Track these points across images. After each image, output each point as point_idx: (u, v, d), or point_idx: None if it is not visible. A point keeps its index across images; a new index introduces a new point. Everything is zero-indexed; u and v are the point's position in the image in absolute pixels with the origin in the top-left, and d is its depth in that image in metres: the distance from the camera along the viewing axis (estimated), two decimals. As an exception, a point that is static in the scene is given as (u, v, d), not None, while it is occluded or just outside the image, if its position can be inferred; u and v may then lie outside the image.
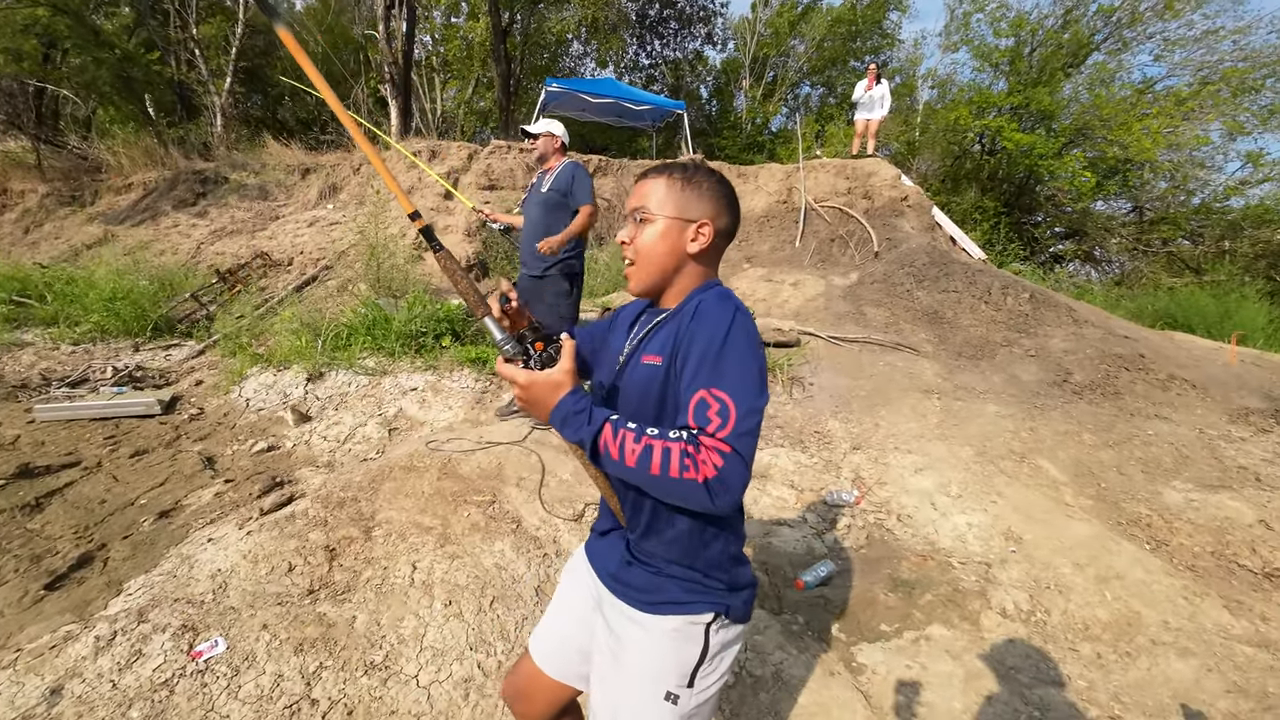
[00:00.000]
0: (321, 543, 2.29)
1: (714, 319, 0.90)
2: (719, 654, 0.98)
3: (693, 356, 0.88)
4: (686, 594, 0.96)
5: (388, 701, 1.71)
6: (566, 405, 0.88)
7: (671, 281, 1.02)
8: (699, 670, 0.96)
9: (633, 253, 1.01)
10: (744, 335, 0.88)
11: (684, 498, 0.82)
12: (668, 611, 0.96)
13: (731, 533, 1.00)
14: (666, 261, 1.00)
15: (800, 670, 1.98)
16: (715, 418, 0.82)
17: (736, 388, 0.83)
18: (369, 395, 4.03)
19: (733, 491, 0.80)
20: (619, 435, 0.84)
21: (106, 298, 5.56)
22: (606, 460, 0.85)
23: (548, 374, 0.89)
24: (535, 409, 0.91)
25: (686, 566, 0.97)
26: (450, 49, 15.97)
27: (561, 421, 0.88)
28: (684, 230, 0.99)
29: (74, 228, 8.50)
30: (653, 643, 0.97)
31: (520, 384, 0.90)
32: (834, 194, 8.60)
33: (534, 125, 3.33)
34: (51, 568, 2.31)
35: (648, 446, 0.81)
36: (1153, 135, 10.98)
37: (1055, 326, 5.41)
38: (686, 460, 0.79)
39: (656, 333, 1.00)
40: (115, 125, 11.71)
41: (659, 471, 0.80)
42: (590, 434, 0.85)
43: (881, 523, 2.96)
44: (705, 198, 1.00)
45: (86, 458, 3.24)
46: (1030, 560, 2.60)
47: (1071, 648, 2.15)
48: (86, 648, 1.76)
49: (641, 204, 1.01)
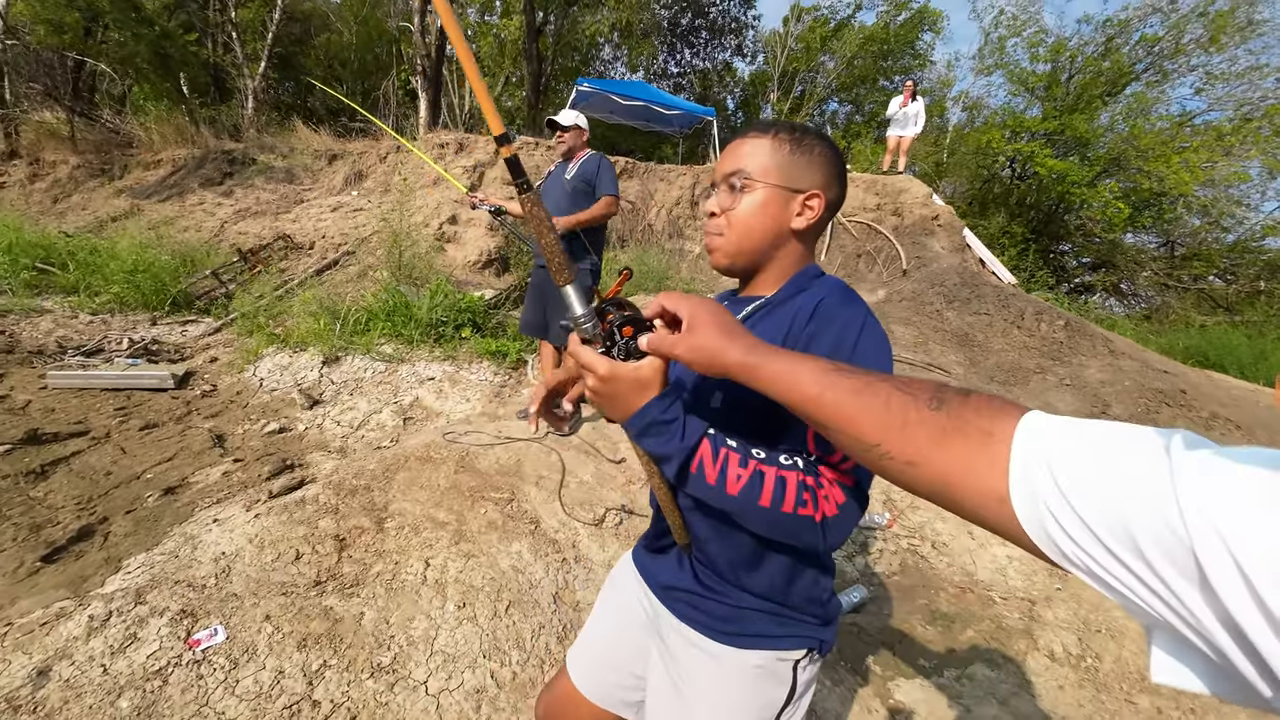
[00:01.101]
0: (331, 531, 2.18)
1: (841, 323, 0.75)
2: (804, 694, 0.85)
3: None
4: (775, 626, 0.82)
5: (394, 709, 1.58)
6: (652, 412, 0.69)
7: (767, 262, 0.86)
8: (784, 713, 0.83)
9: (723, 224, 0.85)
10: (875, 344, 0.74)
11: (791, 534, 0.68)
12: (752, 645, 0.82)
13: (828, 558, 0.86)
14: (765, 237, 0.83)
15: (836, 704, 1.83)
16: None
17: None
18: (385, 382, 3.93)
19: (847, 530, 0.68)
20: (719, 455, 0.68)
21: (128, 270, 5.53)
22: (697, 482, 0.69)
23: (635, 367, 0.69)
24: (611, 407, 0.72)
25: (776, 599, 0.83)
26: (483, 46, 16.05)
27: (643, 429, 0.70)
28: (790, 202, 0.82)
29: (101, 200, 8.54)
30: (731, 679, 0.82)
31: (600, 375, 0.70)
32: (863, 209, 8.47)
33: (562, 116, 3.21)
34: (51, 539, 2.21)
35: (757, 473, 0.67)
36: (1190, 169, 10.75)
37: (1091, 356, 5.23)
38: (805, 494, 0.66)
39: (756, 325, 0.83)
40: (149, 102, 11.82)
41: (769, 504, 0.66)
42: (683, 451, 0.69)
43: (915, 549, 2.80)
44: (816, 164, 0.83)
45: (95, 427, 3.16)
46: (1078, 600, 2.44)
47: (1128, 699, 1.98)
48: (79, 627, 1.65)
49: (740, 166, 0.83)
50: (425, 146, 8.64)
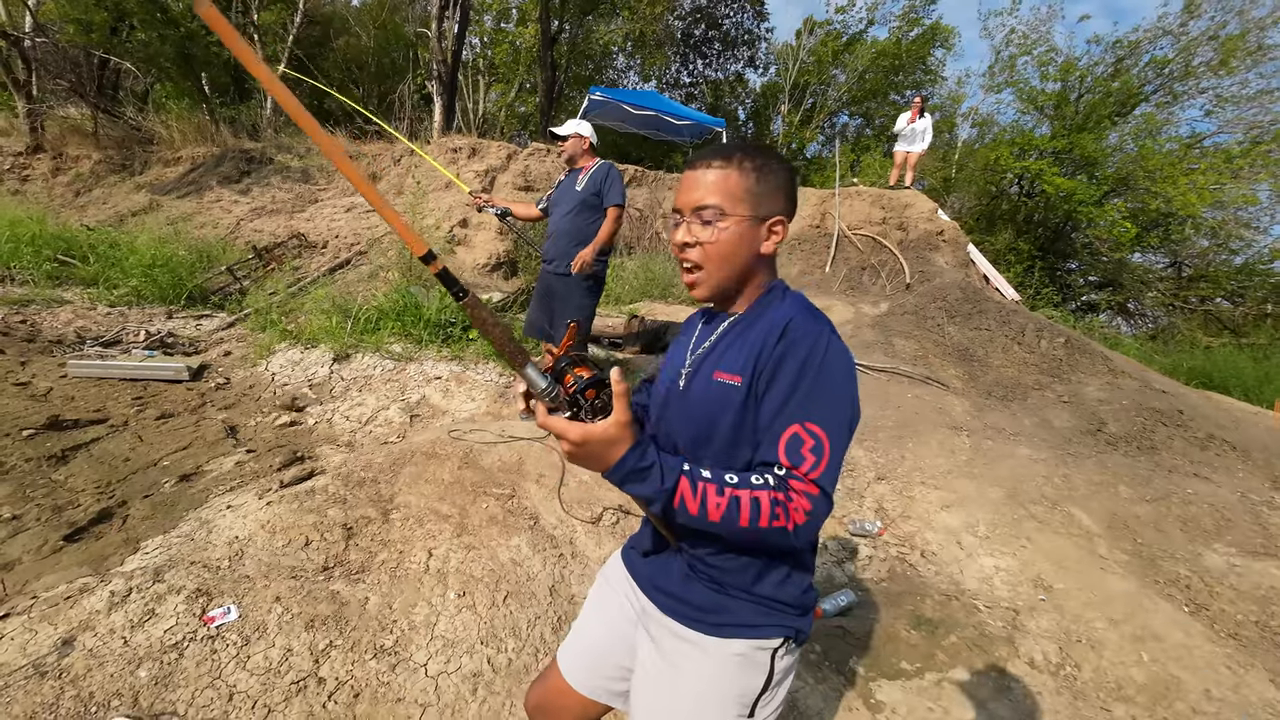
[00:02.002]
0: (339, 520, 2.27)
1: (807, 341, 0.80)
2: (781, 681, 0.91)
3: (782, 383, 0.79)
4: (755, 616, 0.88)
5: (395, 688, 1.67)
6: (629, 462, 0.75)
7: (743, 285, 0.92)
8: (761, 699, 0.88)
9: (700, 256, 0.88)
10: (839, 360, 0.81)
11: (766, 543, 0.76)
12: (732, 635, 0.88)
13: (806, 552, 0.92)
14: (742, 266, 0.89)
15: (817, 701, 1.90)
16: (810, 455, 0.75)
17: (831, 420, 0.77)
18: (393, 380, 4.04)
19: (815, 529, 0.76)
20: (699, 489, 0.74)
21: (146, 264, 5.68)
22: (682, 513, 0.75)
23: (604, 428, 0.74)
24: (589, 464, 0.77)
25: (755, 590, 0.89)
26: (498, 52, 16.29)
27: (624, 479, 0.76)
28: (759, 228, 0.87)
29: (122, 195, 8.74)
30: (713, 667, 0.88)
31: (572, 440, 0.74)
32: (868, 223, 8.54)
33: (562, 127, 3.33)
34: (72, 519, 2.32)
35: (734, 499, 0.73)
36: (1199, 190, 10.77)
37: (1090, 374, 5.27)
38: (778, 510, 0.73)
39: (730, 344, 0.89)
40: (171, 100, 12.07)
41: (748, 524, 0.73)
42: (665, 494, 0.75)
43: (904, 557, 2.86)
44: (780, 190, 0.88)
45: (114, 416, 3.28)
46: (1061, 611, 2.49)
47: (1104, 707, 2.04)
48: (101, 602, 1.75)
49: (710, 200, 0.86)
50: (438, 150, 8.80)
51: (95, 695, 1.49)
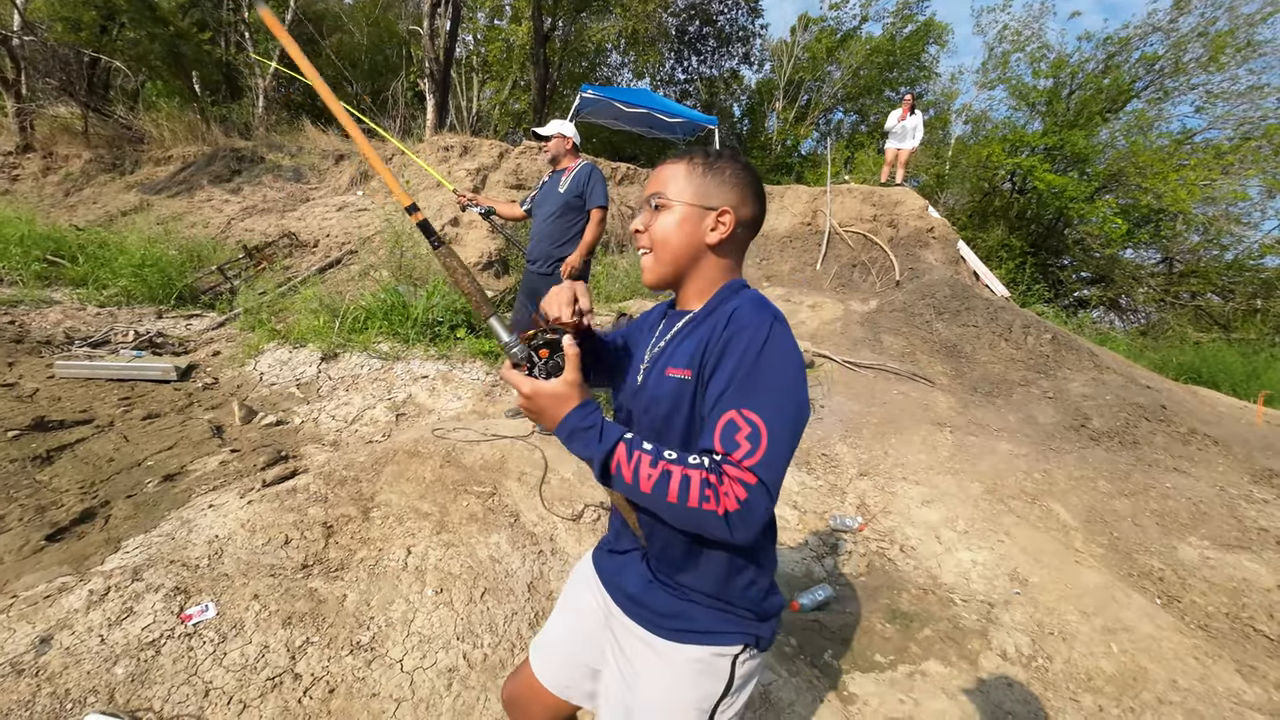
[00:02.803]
0: (320, 519, 2.29)
1: (749, 329, 0.81)
2: (742, 688, 0.91)
3: (723, 371, 0.80)
4: (714, 623, 0.88)
5: (370, 683, 1.69)
6: (573, 420, 0.80)
7: (690, 275, 0.95)
8: (720, 705, 0.89)
9: (648, 241, 0.94)
10: (782, 348, 0.81)
11: (700, 527, 0.75)
12: (691, 641, 0.88)
13: (765, 558, 0.93)
14: (684, 252, 0.92)
15: (790, 694, 1.93)
16: (744, 442, 0.74)
17: (770, 409, 0.76)
18: (380, 379, 4.06)
19: (753, 526, 0.73)
20: (634, 457, 0.76)
21: (136, 264, 5.67)
22: (618, 481, 0.78)
23: (552, 384, 0.81)
24: (540, 418, 0.84)
25: (714, 596, 0.89)
26: (491, 50, 16.25)
27: (568, 436, 0.81)
28: (703, 218, 0.91)
29: (112, 194, 8.71)
30: (671, 673, 0.89)
31: (524, 393, 0.82)
32: (859, 220, 8.57)
33: (545, 128, 3.35)
34: (54, 520, 2.33)
35: (665, 472, 0.74)
36: (1189, 186, 10.82)
37: (1076, 370, 5.31)
38: (708, 491, 0.72)
39: (683, 341, 0.92)
40: (161, 99, 12.01)
41: (676, 500, 0.73)
42: (601, 453, 0.78)
43: (884, 552, 2.90)
44: (728, 184, 0.92)
45: (100, 416, 3.29)
46: (1035, 604, 2.53)
47: (1073, 698, 2.07)
48: (80, 600, 1.77)
49: (659, 189, 0.93)
50: (430, 149, 8.80)
51: (71, 692, 1.51)
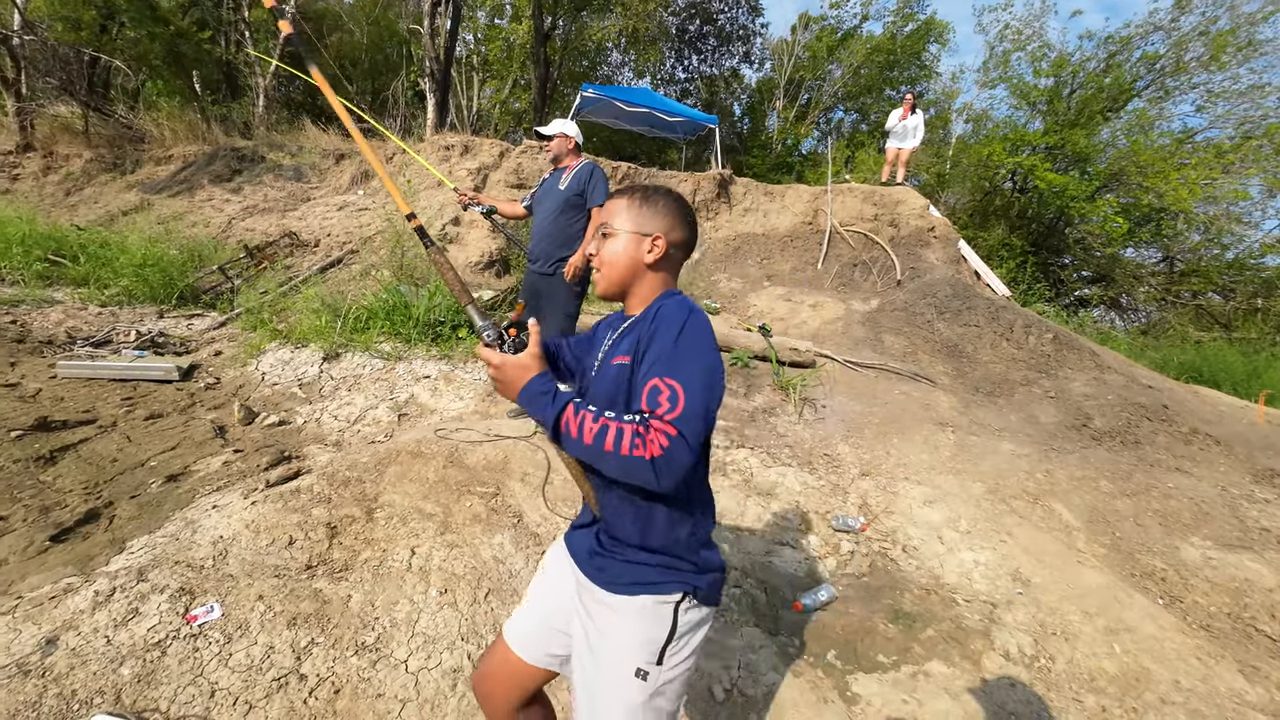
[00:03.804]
0: (323, 519, 2.30)
1: (671, 319, 1.01)
2: (687, 634, 1.04)
3: (651, 352, 0.99)
4: (656, 575, 1.03)
5: (375, 684, 1.70)
6: (534, 386, 0.99)
7: (633, 288, 1.14)
8: (668, 649, 1.02)
9: (599, 262, 1.15)
10: (697, 333, 0.99)
11: (632, 474, 0.90)
12: (637, 592, 1.03)
13: (699, 516, 1.08)
14: (626, 270, 1.12)
15: (793, 694, 1.93)
16: (665, 402, 0.91)
17: (687, 378, 0.93)
18: (382, 379, 4.06)
19: (676, 471, 0.88)
20: (579, 415, 0.94)
21: (137, 263, 5.67)
22: (566, 438, 0.94)
23: (518, 357, 1.01)
24: (506, 389, 1.02)
25: (655, 550, 1.04)
26: (492, 49, 16.23)
27: (529, 400, 0.99)
28: (641, 243, 1.11)
29: (113, 194, 8.71)
30: (623, 623, 1.03)
31: (494, 364, 1.02)
32: (860, 219, 8.57)
33: (547, 127, 3.35)
34: (59, 520, 2.34)
35: (604, 426, 0.91)
36: (1190, 186, 10.80)
37: (1077, 370, 5.32)
38: (637, 440, 0.89)
39: (625, 336, 1.10)
40: (162, 98, 12.00)
41: (611, 448, 0.90)
42: (554, 412, 0.95)
43: (886, 552, 2.90)
44: (660, 215, 1.12)
45: (103, 416, 3.29)
46: (1037, 604, 2.53)
47: (1076, 698, 2.08)
48: (85, 601, 1.77)
49: (606, 220, 1.14)
50: (431, 148, 8.79)
51: (78, 693, 1.51)
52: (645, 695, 1.01)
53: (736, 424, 3.99)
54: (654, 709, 1.02)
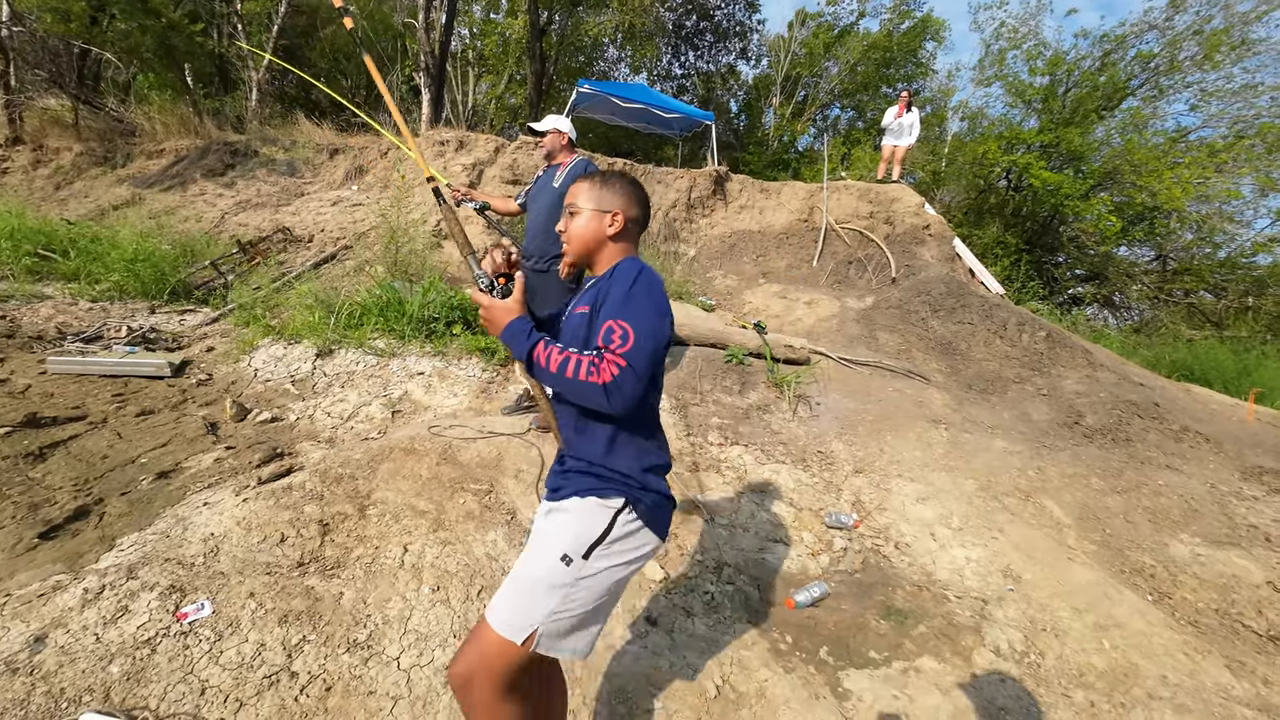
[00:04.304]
0: (316, 516, 2.29)
1: (626, 274, 1.21)
2: (620, 541, 1.17)
3: (608, 301, 1.17)
4: (600, 482, 1.19)
5: (367, 681, 1.69)
6: (515, 326, 1.20)
7: (597, 257, 1.33)
8: (596, 547, 1.15)
9: (566, 237, 1.33)
10: (646, 285, 1.18)
11: (588, 397, 1.09)
12: (584, 494, 1.19)
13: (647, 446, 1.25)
14: (590, 242, 1.31)
15: (785, 690, 1.94)
16: (617, 340, 1.09)
17: (636, 319, 1.12)
18: (376, 375, 4.04)
19: (625, 396, 1.07)
20: (548, 349, 1.14)
21: (128, 258, 5.62)
22: (538, 369, 1.15)
23: (504, 301, 1.25)
24: (492, 327, 1.24)
25: (604, 467, 1.20)
26: (487, 44, 16.13)
27: (509, 337, 1.20)
28: (602, 218, 1.30)
29: (103, 188, 8.63)
30: (566, 516, 1.19)
31: (484, 305, 1.25)
32: (855, 217, 8.57)
33: (540, 123, 3.33)
34: (48, 517, 2.32)
35: (566, 358, 1.11)
36: (1183, 184, 10.85)
37: (1070, 368, 5.34)
38: (591, 368, 1.08)
39: (588, 292, 1.30)
40: (154, 92, 11.87)
41: (571, 375, 1.09)
42: (528, 346, 1.16)
43: (879, 549, 2.91)
44: (617, 194, 1.31)
45: (93, 412, 3.27)
46: (1028, 600, 2.55)
47: (1065, 693, 2.10)
48: (74, 599, 1.76)
49: (572, 200, 1.33)
50: (426, 143, 8.74)
51: (66, 691, 1.50)
52: (561, 580, 1.12)
53: (731, 421, 4.00)
54: (565, 597, 1.12)
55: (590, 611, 1.15)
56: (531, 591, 1.12)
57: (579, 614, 1.13)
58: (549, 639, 1.11)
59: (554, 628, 1.11)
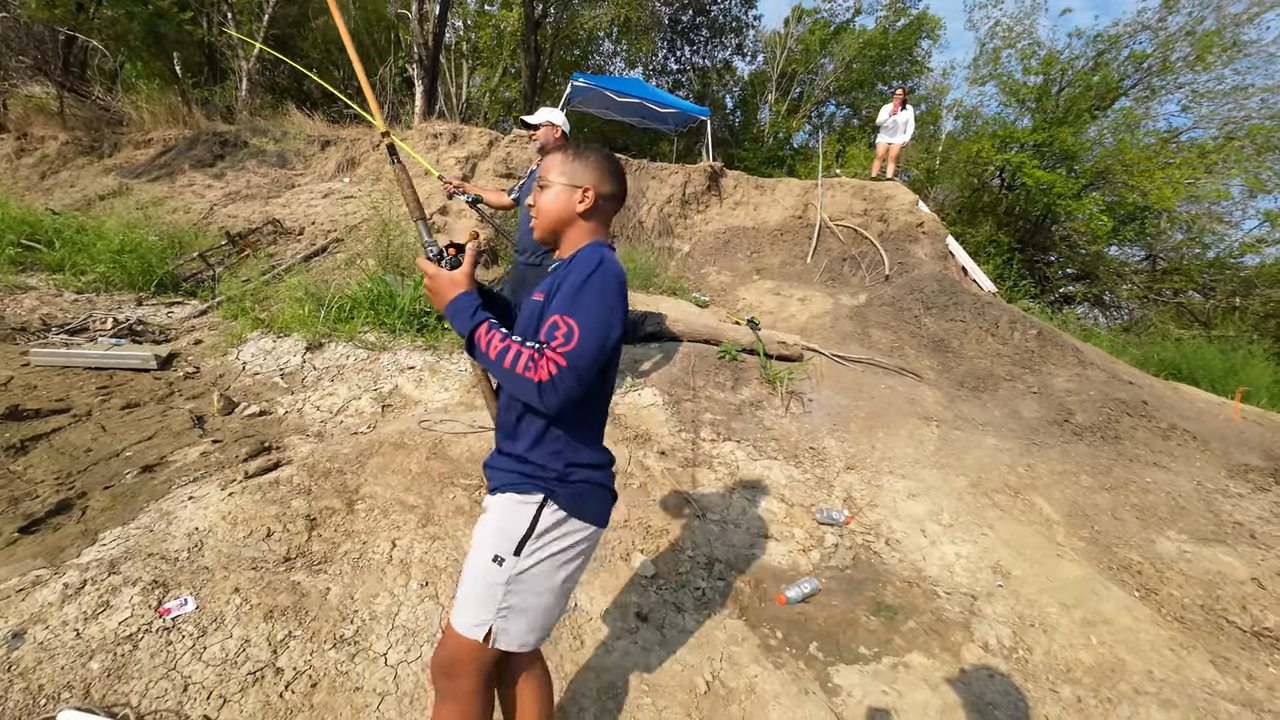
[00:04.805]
0: (303, 511, 2.26)
1: (583, 265, 1.12)
2: (549, 532, 1.15)
3: (560, 292, 1.11)
4: (520, 478, 1.17)
5: (354, 677, 1.68)
6: (460, 301, 1.13)
7: (565, 235, 1.26)
8: (526, 542, 1.13)
9: (535, 211, 1.26)
10: (601, 280, 1.09)
11: (522, 391, 1.05)
12: (506, 491, 1.18)
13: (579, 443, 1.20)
14: (559, 218, 1.24)
15: (774, 685, 1.94)
16: (560, 336, 1.04)
17: (584, 317, 1.05)
18: (366, 369, 4.00)
19: (559, 397, 1.02)
20: (490, 333, 1.08)
21: (114, 249, 5.53)
22: (478, 352, 1.09)
23: (451, 273, 1.16)
24: (436, 300, 1.17)
25: (526, 460, 1.17)
26: (481, 36, 15.99)
27: (453, 313, 1.13)
28: (573, 194, 1.22)
29: (90, 178, 8.49)
30: (493, 518, 1.18)
31: (430, 274, 1.17)
32: (850, 214, 8.58)
33: (533, 116, 3.30)
34: (29, 511, 2.28)
35: (507, 346, 1.05)
36: (1174, 185, 10.94)
37: (1060, 366, 5.38)
38: (529, 362, 1.03)
39: (548, 278, 1.23)
40: (141, 80, 11.70)
41: (509, 365, 1.04)
42: (470, 326, 1.10)
43: (869, 545, 2.92)
44: (590, 169, 1.24)
45: (77, 405, 3.22)
46: (1017, 596, 2.56)
47: (1052, 689, 2.11)
48: (54, 594, 1.73)
49: (544, 174, 1.25)
50: (419, 136, 8.66)
51: (45, 688, 1.48)
52: (499, 579, 1.12)
53: (723, 417, 3.99)
54: (508, 592, 1.13)
55: (539, 604, 1.16)
56: (476, 592, 1.14)
57: (527, 608, 1.14)
58: (505, 635, 1.14)
59: (505, 624, 1.13)
